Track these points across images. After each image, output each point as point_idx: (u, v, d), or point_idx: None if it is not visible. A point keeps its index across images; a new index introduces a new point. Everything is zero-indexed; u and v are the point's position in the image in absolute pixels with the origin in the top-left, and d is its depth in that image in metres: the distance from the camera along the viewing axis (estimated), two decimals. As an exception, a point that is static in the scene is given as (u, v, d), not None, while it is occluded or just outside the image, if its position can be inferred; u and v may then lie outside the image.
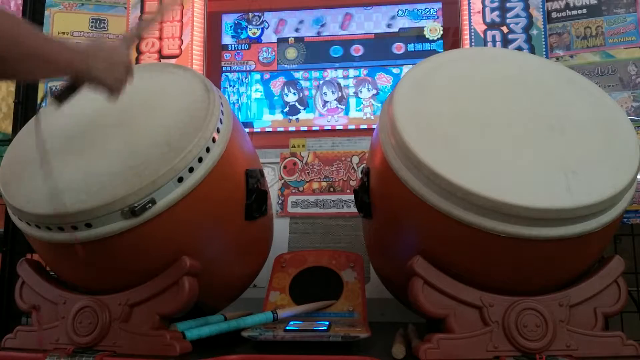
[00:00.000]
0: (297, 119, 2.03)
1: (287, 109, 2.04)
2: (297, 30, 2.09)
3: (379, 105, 1.99)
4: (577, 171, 1.02)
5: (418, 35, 2.03)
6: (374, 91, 2.01)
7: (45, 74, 1.08)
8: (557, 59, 1.86)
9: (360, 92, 2.01)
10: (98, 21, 2.04)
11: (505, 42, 1.89)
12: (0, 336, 1.21)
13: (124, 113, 1.22)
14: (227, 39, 2.12)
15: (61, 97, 1.06)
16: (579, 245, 1.04)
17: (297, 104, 2.04)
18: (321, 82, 2.04)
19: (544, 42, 1.86)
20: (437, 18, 2.04)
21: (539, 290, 1.07)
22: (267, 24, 2.11)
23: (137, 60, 2.00)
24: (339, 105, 2.02)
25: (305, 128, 2.01)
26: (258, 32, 2.11)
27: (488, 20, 1.92)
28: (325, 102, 2.02)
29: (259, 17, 2.12)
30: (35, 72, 1.00)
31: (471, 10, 1.93)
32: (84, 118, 1.24)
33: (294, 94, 2.04)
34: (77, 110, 1.27)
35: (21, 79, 1.03)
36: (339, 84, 2.03)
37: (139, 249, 1.12)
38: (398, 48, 2.03)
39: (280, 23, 2.11)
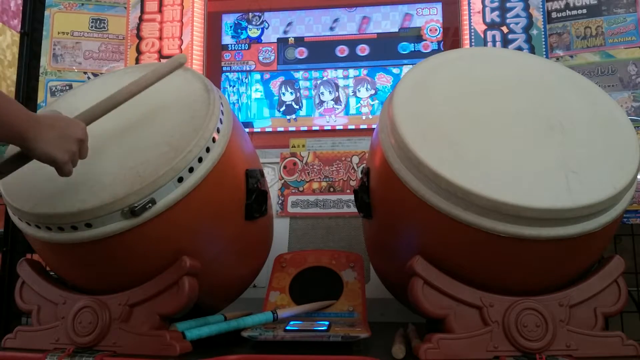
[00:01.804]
0: (294, 118, 2.03)
1: (283, 108, 2.04)
2: (297, 30, 2.09)
3: (378, 104, 1.99)
4: (577, 171, 1.02)
5: (418, 35, 2.03)
6: (372, 91, 2.01)
7: None
8: (557, 59, 1.86)
9: (359, 91, 2.01)
10: (98, 21, 2.04)
11: (505, 42, 1.89)
12: (0, 336, 1.21)
13: (124, 113, 1.22)
14: (227, 39, 2.12)
15: (4, 169, 0.99)
16: (579, 245, 1.04)
17: (293, 103, 2.04)
18: (318, 82, 2.04)
19: (544, 42, 1.86)
20: (437, 18, 2.03)
21: (539, 290, 1.07)
22: (267, 24, 2.11)
23: (137, 60, 2.00)
24: (335, 106, 2.02)
25: (305, 128, 2.01)
26: (258, 32, 2.11)
27: (488, 20, 1.92)
28: (322, 101, 2.02)
29: (259, 17, 2.12)
30: None
31: (471, 10, 1.93)
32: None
33: (290, 93, 2.04)
34: (76, 111, 1.27)
35: None
36: (336, 84, 2.03)
37: (139, 249, 1.12)
38: (398, 48, 2.03)
39: (281, 23, 2.10)
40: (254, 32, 2.11)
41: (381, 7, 2.07)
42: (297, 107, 2.03)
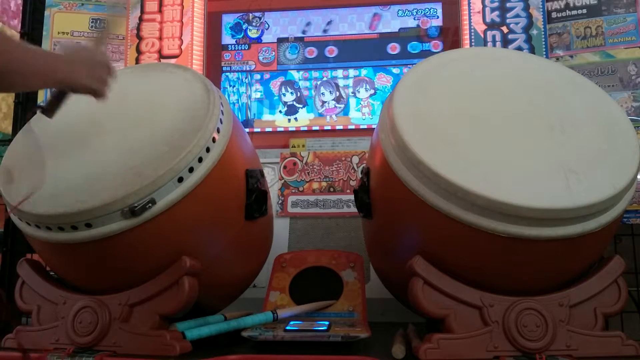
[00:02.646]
0: (295, 118, 2.03)
1: (285, 109, 2.04)
2: (297, 30, 2.09)
3: (379, 104, 1.99)
4: (577, 171, 1.02)
5: (418, 35, 2.03)
6: (372, 91, 2.01)
7: (32, 87, 1.13)
8: (557, 59, 1.86)
9: (358, 92, 2.01)
10: (98, 21, 2.04)
11: (505, 42, 1.89)
12: (0, 336, 1.21)
13: (124, 113, 1.22)
14: (227, 39, 2.12)
15: (51, 108, 1.08)
16: (579, 245, 1.04)
17: (295, 103, 2.04)
18: (318, 82, 2.04)
19: (544, 42, 1.86)
20: (437, 18, 2.04)
21: (539, 290, 1.07)
22: (267, 24, 2.11)
23: (137, 60, 2.00)
24: (337, 105, 2.02)
25: (305, 128, 2.01)
26: (258, 32, 2.11)
27: (488, 20, 1.92)
28: (323, 102, 2.02)
29: (259, 17, 2.12)
30: (21, 86, 1.04)
31: (471, 10, 1.93)
32: (84, 118, 1.24)
33: (291, 93, 2.04)
34: (77, 110, 1.27)
35: (6, 91, 1.07)
36: (336, 84, 2.03)
37: (139, 249, 1.12)
38: (397, 48, 2.03)
39: (281, 23, 2.11)
40: (253, 33, 2.11)
41: (381, 7, 2.07)
42: (300, 106, 2.03)
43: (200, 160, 1.12)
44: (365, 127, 1.98)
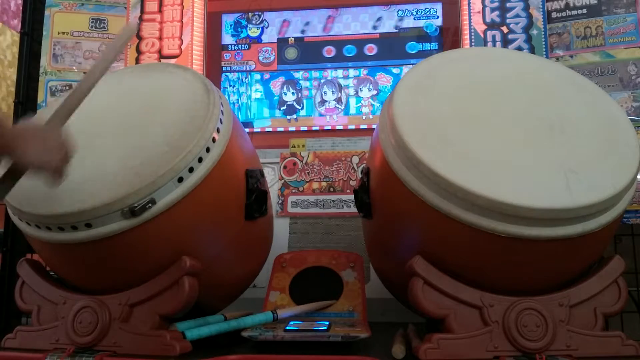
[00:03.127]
0: (295, 118, 2.03)
1: (284, 107, 2.04)
2: (297, 30, 2.09)
3: (379, 105, 1.99)
4: (577, 171, 1.02)
5: (418, 35, 2.03)
6: (374, 91, 2.01)
7: None
8: (557, 59, 1.86)
9: (361, 90, 2.01)
10: (98, 21, 2.04)
11: (505, 42, 1.89)
12: (0, 336, 1.21)
13: (124, 113, 1.22)
14: (227, 39, 2.12)
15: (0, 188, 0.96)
16: (579, 245, 1.04)
17: (294, 103, 2.04)
18: (322, 81, 2.03)
19: (544, 42, 1.86)
20: (437, 18, 2.04)
21: (539, 290, 1.07)
22: (267, 24, 2.11)
23: (137, 60, 2.00)
24: (337, 105, 2.02)
25: (305, 128, 2.01)
26: (258, 32, 2.11)
27: (488, 20, 1.92)
28: (325, 101, 2.02)
29: (259, 17, 2.12)
30: None
31: (471, 10, 1.93)
32: (83, 118, 1.24)
33: (292, 93, 2.04)
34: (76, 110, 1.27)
35: None
36: (339, 84, 2.03)
37: (138, 249, 1.12)
38: (398, 48, 2.03)
39: (283, 24, 2.10)
40: (253, 32, 2.11)
41: (381, 7, 2.07)
42: (299, 107, 2.03)
43: (200, 160, 1.12)
44: (365, 127, 1.97)
